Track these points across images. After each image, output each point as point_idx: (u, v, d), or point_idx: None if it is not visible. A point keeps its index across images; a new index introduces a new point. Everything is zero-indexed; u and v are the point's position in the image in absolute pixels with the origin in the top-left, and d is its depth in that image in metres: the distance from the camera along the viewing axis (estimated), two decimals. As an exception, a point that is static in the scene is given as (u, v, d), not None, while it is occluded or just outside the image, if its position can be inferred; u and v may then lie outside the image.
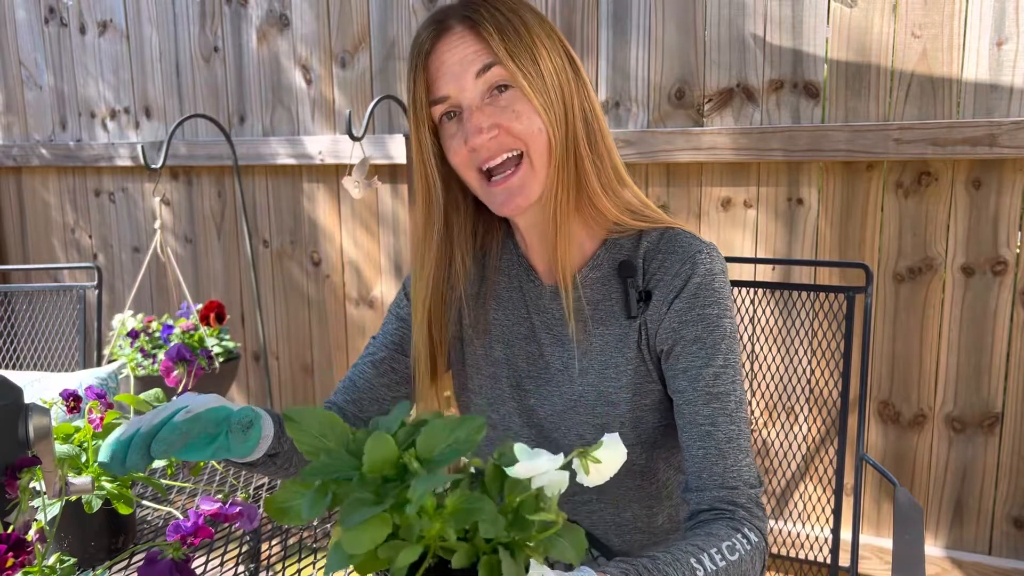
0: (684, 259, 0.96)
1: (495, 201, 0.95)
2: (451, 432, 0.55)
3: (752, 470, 0.93)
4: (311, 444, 0.57)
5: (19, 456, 0.78)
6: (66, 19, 3.05)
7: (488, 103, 0.92)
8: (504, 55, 0.90)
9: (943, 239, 1.85)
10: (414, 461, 0.54)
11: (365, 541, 0.50)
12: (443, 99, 0.94)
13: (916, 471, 1.94)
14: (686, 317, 0.95)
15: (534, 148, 0.93)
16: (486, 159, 0.93)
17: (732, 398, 0.93)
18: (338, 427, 0.58)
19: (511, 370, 1.06)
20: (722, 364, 0.94)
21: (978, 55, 1.74)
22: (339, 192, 2.60)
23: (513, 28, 0.91)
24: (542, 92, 0.91)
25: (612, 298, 1.00)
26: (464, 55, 0.91)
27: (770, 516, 2.05)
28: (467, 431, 0.55)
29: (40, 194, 3.31)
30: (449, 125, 0.95)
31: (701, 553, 0.81)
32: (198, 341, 2.10)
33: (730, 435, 0.92)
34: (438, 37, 0.93)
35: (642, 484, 1.05)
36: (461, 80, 0.92)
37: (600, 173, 0.97)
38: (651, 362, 0.98)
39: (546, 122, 0.92)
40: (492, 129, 0.91)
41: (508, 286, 1.08)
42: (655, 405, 1.00)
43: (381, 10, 2.42)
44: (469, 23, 0.92)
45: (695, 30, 2.01)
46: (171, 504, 1.16)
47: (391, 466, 0.54)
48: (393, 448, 0.54)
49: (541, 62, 0.92)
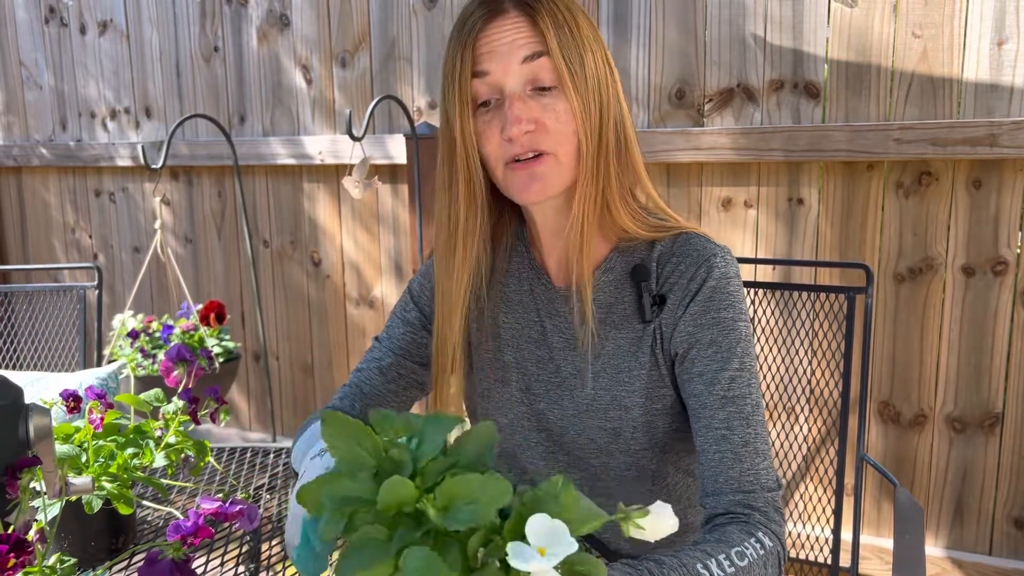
0: (699, 263, 0.95)
1: (515, 184, 0.94)
2: (477, 491, 0.53)
3: (770, 473, 0.92)
4: (346, 452, 0.56)
5: (19, 456, 0.78)
6: (66, 19, 3.05)
7: (530, 97, 0.91)
8: (556, 49, 0.90)
9: (943, 239, 1.85)
10: (431, 507, 0.53)
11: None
12: (484, 73, 0.92)
13: (916, 471, 1.94)
14: (701, 320, 0.94)
15: (564, 151, 0.92)
16: (517, 153, 0.92)
17: (748, 401, 0.93)
18: (373, 441, 0.57)
19: (521, 374, 1.05)
20: (738, 367, 0.93)
21: (978, 55, 1.74)
22: (339, 192, 2.60)
23: (568, 26, 0.91)
24: (583, 94, 0.91)
25: (625, 302, 0.99)
26: (515, 38, 0.90)
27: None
28: (493, 495, 0.53)
29: (40, 194, 3.31)
30: (484, 114, 0.94)
31: (708, 558, 0.80)
32: (198, 341, 2.10)
33: (746, 438, 0.91)
34: (492, 17, 0.92)
35: (652, 488, 1.04)
36: (507, 61, 0.90)
37: (622, 184, 0.96)
38: (665, 366, 0.97)
39: (580, 126, 0.91)
40: (531, 123, 0.90)
41: (518, 289, 1.07)
42: (667, 409, 0.99)
43: (381, 10, 2.42)
44: (527, 10, 0.91)
45: (695, 30, 2.01)
46: (171, 504, 1.16)
47: (408, 506, 0.54)
48: (411, 493, 0.53)
49: (587, 66, 0.92)
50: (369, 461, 0.56)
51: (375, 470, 0.56)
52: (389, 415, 0.59)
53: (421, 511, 0.53)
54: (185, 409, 1.05)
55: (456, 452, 0.58)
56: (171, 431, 1.04)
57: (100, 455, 0.99)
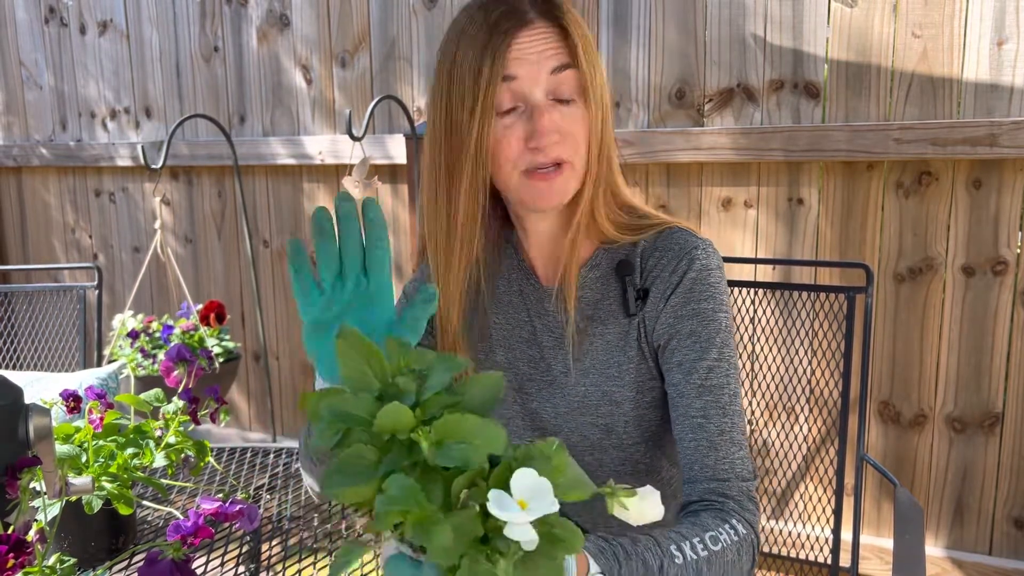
0: (680, 255, 0.97)
1: (534, 193, 0.94)
2: (472, 434, 0.54)
3: (746, 463, 0.94)
4: (355, 369, 0.57)
5: (19, 456, 0.78)
6: (66, 19, 3.05)
7: (554, 108, 0.92)
8: (584, 63, 0.91)
9: (943, 239, 1.85)
10: (424, 440, 0.53)
11: (347, 496, 0.52)
12: (512, 78, 0.91)
13: (916, 471, 1.94)
14: (681, 312, 0.95)
15: (578, 159, 0.94)
16: (541, 163, 0.92)
17: (726, 391, 0.94)
18: (381, 363, 0.57)
19: (513, 374, 1.06)
20: (716, 357, 0.94)
21: (978, 55, 1.74)
22: (339, 192, 2.60)
23: (587, 39, 0.93)
24: (596, 106, 0.93)
25: (611, 297, 1.00)
26: (546, 48, 0.91)
27: (770, 516, 2.05)
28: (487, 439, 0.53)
29: (40, 194, 3.31)
30: (505, 118, 0.93)
31: (683, 540, 0.82)
32: (198, 341, 2.10)
33: (722, 428, 0.93)
34: (523, 26, 0.91)
35: (646, 482, 1.05)
36: (536, 69, 0.91)
37: (605, 187, 0.98)
38: (651, 359, 0.99)
39: (593, 135, 0.94)
40: (556, 134, 0.91)
41: (507, 290, 1.07)
42: (657, 402, 1.01)
43: (381, 10, 2.42)
44: (557, 22, 0.92)
45: (695, 30, 2.01)
46: (171, 504, 1.16)
47: (403, 432, 0.54)
48: (408, 419, 0.54)
49: (598, 78, 0.94)
50: (374, 383, 0.57)
51: (379, 393, 0.56)
52: (404, 344, 0.60)
53: (415, 441, 0.54)
54: (185, 409, 1.05)
55: (461, 393, 0.58)
56: (171, 431, 1.04)
57: (100, 455, 0.99)
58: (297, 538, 1.24)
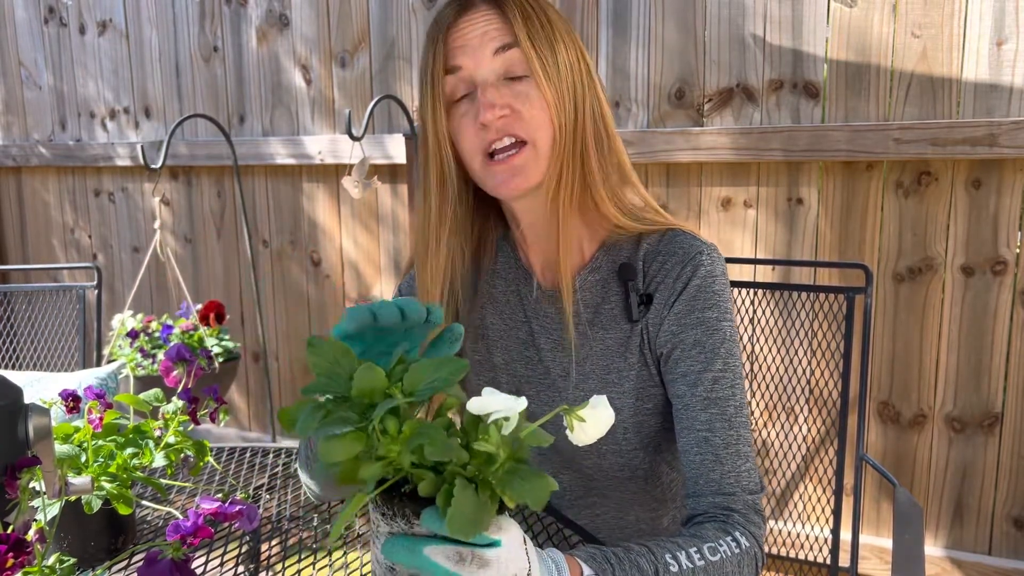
0: (684, 261, 0.95)
1: (495, 180, 0.94)
2: (435, 370, 0.61)
3: (752, 476, 0.92)
4: (326, 369, 0.62)
5: (19, 456, 0.78)
6: (66, 19, 3.05)
7: (503, 85, 0.92)
8: (525, 39, 0.90)
9: (943, 239, 1.85)
10: (399, 393, 0.60)
11: (338, 452, 0.57)
12: (456, 69, 0.92)
13: (916, 471, 1.94)
14: (685, 320, 0.94)
15: (540, 138, 0.92)
16: (492, 140, 0.92)
17: (731, 403, 0.92)
18: (351, 357, 0.63)
19: (510, 376, 1.05)
20: (721, 368, 0.93)
21: (978, 55, 1.74)
22: (339, 192, 2.60)
23: (537, 17, 0.92)
24: (556, 84, 0.91)
25: (612, 301, 0.99)
26: (486, 31, 0.91)
27: (770, 516, 2.05)
28: (450, 370, 0.61)
29: (40, 194, 3.31)
30: (460, 106, 0.94)
31: (679, 550, 0.80)
32: (198, 341, 2.10)
33: (728, 440, 0.91)
34: (461, 13, 0.93)
35: (646, 487, 1.04)
36: (479, 54, 0.91)
37: (606, 175, 0.96)
38: (653, 366, 0.97)
39: (555, 115, 0.92)
40: (504, 108, 0.91)
41: (505, 290, 1.07)
42: (658, 409, 0.99)
43: (381, 10, 2.42)
44: (495, 4, 0.92)
45: (695, 30, 2.01)
46: (171, 504, 1.15)
47: (379, 395, 0.60)
48: (381, 378, 0.60)
49: (558, 55, 0.92)
50: (346, 372, 0.63)
51: (350, 377, 0.62)
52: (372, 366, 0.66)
53: (390, 395, 0.60)
54: (184, 409, 1.05)
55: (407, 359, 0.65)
56: (170, 431, 1.04)
57: (100, 455, 0.99)
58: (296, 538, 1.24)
